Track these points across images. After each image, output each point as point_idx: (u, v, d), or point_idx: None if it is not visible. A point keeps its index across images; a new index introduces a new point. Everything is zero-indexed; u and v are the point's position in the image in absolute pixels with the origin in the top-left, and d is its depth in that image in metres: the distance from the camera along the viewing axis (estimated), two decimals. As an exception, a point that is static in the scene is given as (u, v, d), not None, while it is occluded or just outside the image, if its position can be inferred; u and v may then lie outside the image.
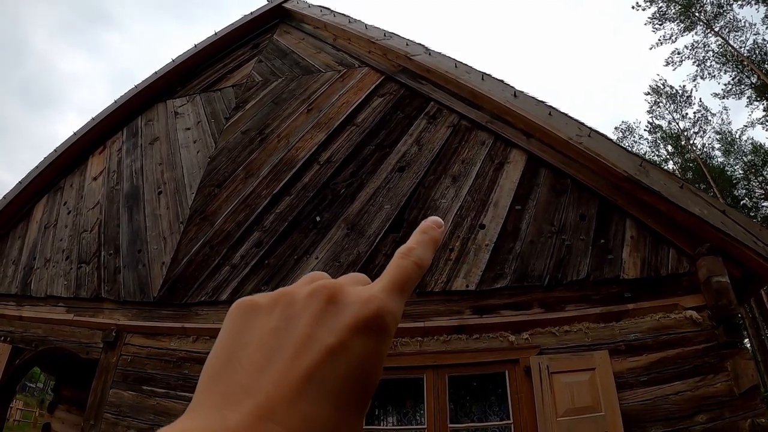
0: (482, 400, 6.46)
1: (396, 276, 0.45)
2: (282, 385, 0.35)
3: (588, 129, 5.71)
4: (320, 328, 0.39)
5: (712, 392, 4.37)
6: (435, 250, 0.50)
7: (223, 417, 0.33)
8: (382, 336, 0.40)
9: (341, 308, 0.40)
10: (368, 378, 0.38)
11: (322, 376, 0.36)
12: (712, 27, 35.65)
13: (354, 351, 0.38)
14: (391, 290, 0.43)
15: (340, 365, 0.37)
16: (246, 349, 0.38)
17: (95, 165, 9.36)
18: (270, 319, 0.40)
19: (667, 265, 5.01)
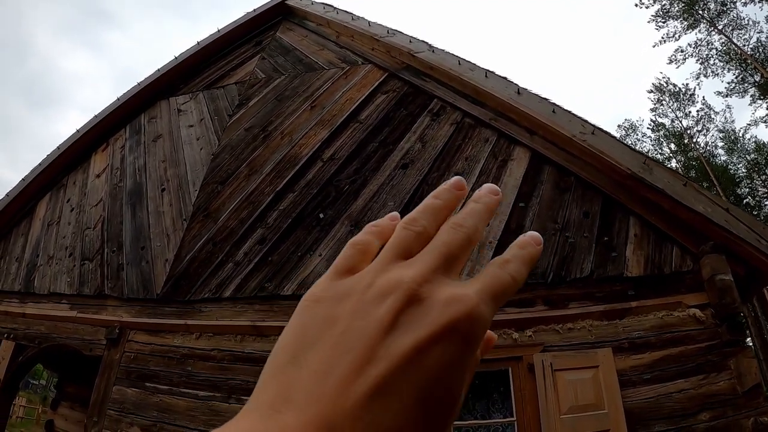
0: (485, 398, 6.47)
1: (492, 283, 0.40)
2: (347, 394, 0.32)
3: (592, 126, 5.70)
4: (395, 332, 0.36)
5: (715, 390, 4.36)
6: (531, 267, 0.45)
7: (278, 420, 0.31)
8: (469, 344, 0.37)
9: (424, 310, 0.37)
10: (450, 390, 0.36)
11: (393, 388, 0.33)
12: (716, 25, 35.57)
13: (433, 360, 0.35)
14: (486, 295, 0.39)
15: (415, 376, 0.34)
16: (312, 348, 0.35)
17: (98, 162, 9.37)
18: (339, 315, 0.37)
19: (671, 263, 5.00)
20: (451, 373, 0.35)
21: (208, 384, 5.76)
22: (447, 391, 0.35)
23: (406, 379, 0.34)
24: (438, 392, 0.35)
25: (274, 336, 5.75)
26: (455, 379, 0.36)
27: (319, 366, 0.34)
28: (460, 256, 0.41)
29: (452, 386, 0.36)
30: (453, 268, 0.41)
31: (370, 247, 0.44)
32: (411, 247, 0.42)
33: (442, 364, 0.35)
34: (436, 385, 0.35)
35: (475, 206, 0.46)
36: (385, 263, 0.40)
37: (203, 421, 5.53)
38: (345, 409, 0.32)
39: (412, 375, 0.34)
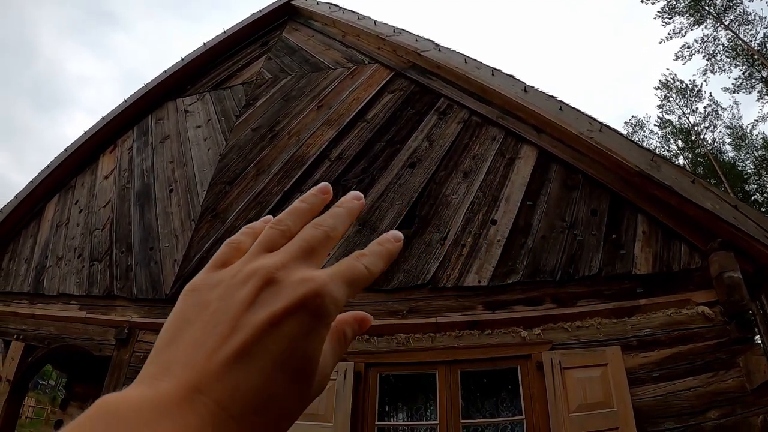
0: (494, 396, 6.47)
1: (345, 270, 0.47)
2: (213, 360, 0.38)
3: (599, 124, 5.70)
4: (254, 308, 0.41)
5: (724, 388, 4.36)
6: (388, 261, 0.52)
7: (157, 386, 0.36)
8: (320, 317, 0.42)
9: (279, 289, 0.42)
10: (304, 356, 0.41)
11: (252, 354, 0.39)
12: (722, 20, 35.40)
13: (286, 330, 0.40)
14: (337, 278, 0.45)
15: (271, 344, 0.39)
16: (188, 326, 0.41)
17: (106, 164, 9.40)
18: (210, 299, 0.43)
19: (679, 261, 5.00)
20: (303, 342, 0.41)
21: (218, 384, 5.77)
22: (301, 357, 0.41)
23: (264, 346, 0.39)
24: (293, 358, 0.40)
25: (282, 335, 5.76)
26: (308, 346, 0.42)
27: (192, 341, 0.40)
28: (318, 249, 0.47)
29: (306, 353, 0.41)
30: (311, 258, 0.46)
31: (242, 245, 0.50)
32: (276, 242, 0.48)
33: (295, 334, 0.40)
34: (290, 351, 0.40)
35: (337, 209, 0.54)
36: (252, 256, 0.46)
37: (212, 421, 5.54)
38: (211, 372, 0.37)
39: (269, 342, 0.39)
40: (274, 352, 0.39)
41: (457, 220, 5.80)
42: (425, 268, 5.59)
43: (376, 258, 0.50)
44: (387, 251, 0.52)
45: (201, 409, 0.35)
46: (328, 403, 5.07)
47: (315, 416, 5.05)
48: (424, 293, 5.50)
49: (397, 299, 5.56)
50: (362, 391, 5.21)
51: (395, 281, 5.63)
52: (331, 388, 5.14)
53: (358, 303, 5.65)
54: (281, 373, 0.40)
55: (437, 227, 5.82)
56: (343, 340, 0.51)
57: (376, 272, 0.50)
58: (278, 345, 0.40)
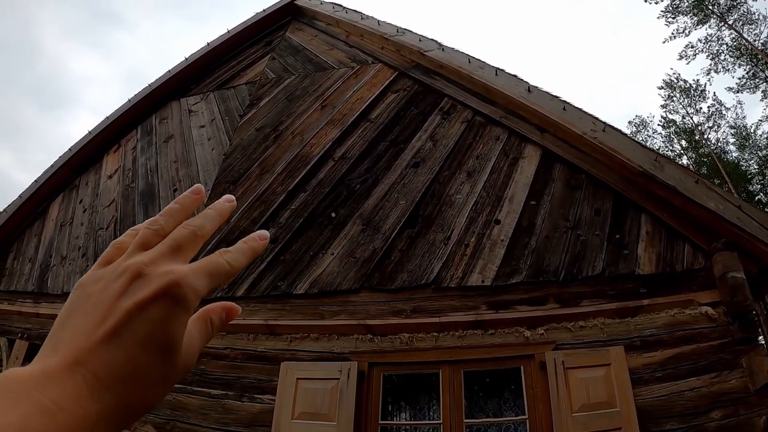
0: (497, 396, 6.47)
1: (206, 264, 0.54)
2: (90, 339, 0.46)
3: (602, 124, 5.70)
4: (125, 297, 0.49)
5: (727, 389, 4.36)
6: (251, 258, 0.60)
7: (47, 362, 0.44)
8: (178, 303, 0.49)
9: (146, 281, 0.50)
10: (166, 336, 0.48)
11: (122, 334, 0.46)
12: (726, 20, 35.33)
13: (151, 314, 0.48)
14: (198, 271, 0.52)
15: (138, 326, 0.47)
16: (74, 315, 0.49)
17: (110, 163, 9.43)
18: (92, 292, 0.51)
19: (683, 261, 5.00)
20: (165, 324, 0.48)
21: (221, 382, 5.79)
22: (164, 337, 0.48)
23: (131, 328, 0.47)
24: (156, 337, 0.48)
25: (287, 334, 5.79)
26: (170, 328, 0.49)
27: (75, 326, 0.48)
28: (185, 246, 0.55)
29: (168, 334, 0.48)
30: (179, 254, 0.54)
31: (123, 245, 0.56)
32: (150, 241, 0.55)
33: (158, 318, 0.48)
34: (153, 332, 0.48)
35: (208, 211, 0.61)
36: (128, 254, 0.54)
37: (216, 419, 5.57)
38: (88, 349, 0.45)
39: (135, 325, 0.47)
40: (140, 333, 0.47)
41: (460, 220, 5.80)
42: (429, 268, 5.60)
43: (238, 254, 0.58)
44: (250, 248, 0.60)
45: (80, 378, 0.43)
46: (332, 403, 5.09)
47: (318, 415, 5.07)
48: (427, 293, 5.50)
49: (401, 299, 5.57)
50: (366, 390, 5.22)
51: (399, 281, 5.65)
52: (334, 388, 5.16)
53: (362, 303, 5.68)
54: (146, 350, 0.47)
55: (441, 227, 5.83)
56: (209, 326, 0.58)
57: (237, 267, 0.57)
58: (143, 327, 0.47)
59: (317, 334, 5.67)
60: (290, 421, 5.15)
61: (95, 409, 0.43)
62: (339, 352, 5.48)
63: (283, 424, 5.16)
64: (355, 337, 5.50)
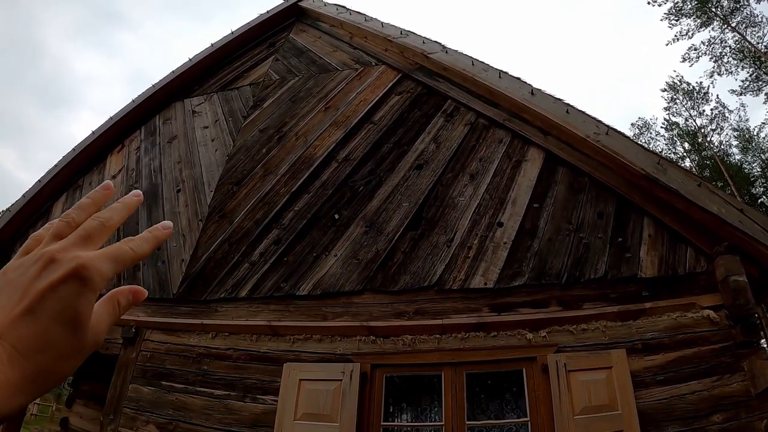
0: (498, 398, 6.48)
1: (111, 250, 0.61)
2: (9, 316, 0.52)
3: (606, 127, 5.70)
4: (39, 279, 0.55)
5: (729, 392, 4.36)
6: (154, 246, 0.68)
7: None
8: (85, 284, 0.56)
9: (58, 265, 0.56)
10: (75, 313, 0.55)
11: (37, 311, 0.53)
12: (729, 22, 35.32)
13: (61, 293, 0.54)
14: (103, 256, 0.59)
15: (50, 303, 0.53)
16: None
17: (114, 163, 9.45)
18: (13, 277, 0.57)
19: (685, 264, 5.01)
20: (74, 302, 0.54)
21: (224, 383, 5.81)
22: (73, 314, 0.54)
23: (43, 305, 0.53)
24: (65, 313, 0.54)
25: (290, 335, 5.80)
26: (78, 305, 0.55)
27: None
28: (94, 235, 0.62)
29: (76, 310, 0.55)
30: (89, 243, 0.60)
31: (41, 236, 0.63)
32: (63, 232, 0.62)
33: (67, 296, 0.54)
34: (63, 309, 0.54)
35: (116, 204, 0.69)
36: (44, 244, 0.60)
37: (218, 420, 5.59)
38: (7, 324, 0.52)
39: (47, 302, 0.53)
40: (52, 309, 0.53)
41: (463, 223, 5.82)
42: (431, 270, 5.61)
43: (142, 242, 0.66)
44: (154, 237, 0.68)
45: (0, 349, 0.50)
46: (334, 404, 5.10)
47: (321, 416, 5.09)
48: (430, 295, 5.52)
49: (404, 300, 5.58)
50: (368, 391, 5.23)
51: (402, 283, 5.66)
52: (337, 389, 5.18)
53: (365, 304, 5.69)
54: (57, 324, 0.54)
55: (444, 229, 5.84)
56: (116, 306, 0.64)
57: (140, 253, 0.65)
58: (54, 304, 0.54)
59: (320, 335, 5.69)
60: (293, 422, 5.17)
61: (15, 376, 0.50)
62: (342, 354, 5.50)
63: (286, 425, 5.17)
64: (358, 339, 5.52)
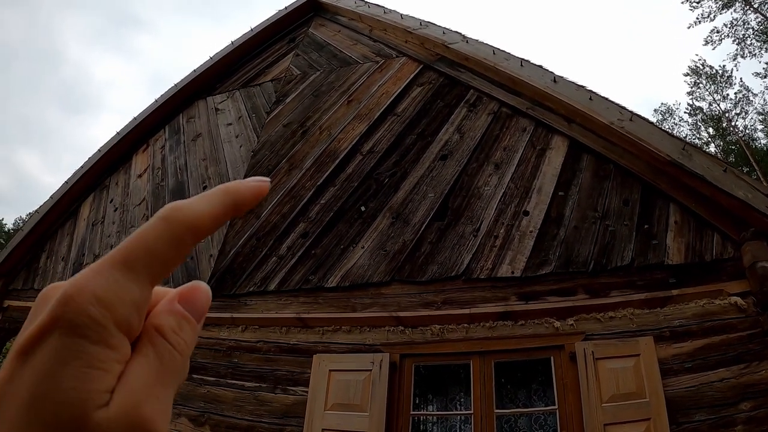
0: (526, 386, 6.51)
1: (122, 246, 0.37)
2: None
3: (629, 113, 5.67)
4: (24, 331, 0.35)
5: (757, 380, 4.32)
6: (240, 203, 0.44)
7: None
8: (74, 331, 0.33)
9: (43, 310, 0.35)
10: (60, 399, 0.32)
11: (9, 390, 0.33)
12: (751, 3, 34.81)
13: (38, 361, 0.33)
14: (105, 263, 0.36)
15: (20, 385, 0.32)
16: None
17: (139, 163, 9.59)
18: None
19: (712, 251, 4.97)
20: (59, 376, 0.32)
21: (255, 375, 5.90)
22: (57, 400, 0.32)
23: (13, 389, 0.33)
24: (46, 402, 0.32)
25: (319, 327, 5.87)
26: (65, 381, 0.32)
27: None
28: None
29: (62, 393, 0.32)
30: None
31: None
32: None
33: (46, 367, 0.33)
34: (41, 393, 0.32)
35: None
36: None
37: (250, 411, 5.67)
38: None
39: (19, 384, 0.33)
40: (22, 398, 0.32)
41: (489, 212, 5.83)
42: (459, 260, 5.65)
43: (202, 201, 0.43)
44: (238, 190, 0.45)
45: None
46: (364, 394, 5.17)
47: (351, 406, 5.16)
48: (458, 284, 5.55)
49: (431, 291, 5.62)
50: (397, 381, 5.29)
51: (429, 273, 5.70)
52: (366, 379, 5.24)
53: (393, 295, 5.74)
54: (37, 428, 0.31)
55: (470, 219, 5.87)
56: (160, 343, 0.37)
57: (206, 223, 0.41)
58: (27, 386, 0.32)
59: (349, 326, 5.75)
60: (323, 412, 5.24)
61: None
62: (371, 344, 5.56)
63: (317, 415, 5.25)
64: (387, 329, 5.57)
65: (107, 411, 0.32)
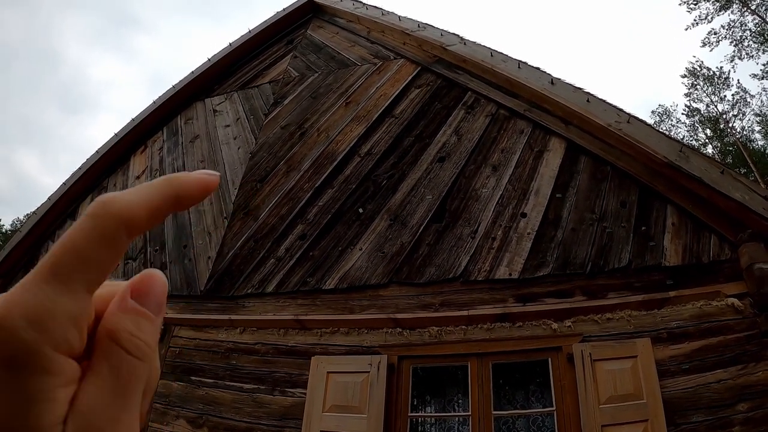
0: (524, 388, 6.51)
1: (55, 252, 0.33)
2: None
3: (627, 115, 5.69)
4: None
5: (754, 381, 4.33)
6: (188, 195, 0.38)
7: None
8: (5, 367, 0.29)
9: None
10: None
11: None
12: (749, 5, 34.87)
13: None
14: (37, 275, 0.33)
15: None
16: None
17: (137, 164, 9.58)
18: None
19: (709, 252, 4.98)
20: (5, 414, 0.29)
21: (253, 377, 5.90)
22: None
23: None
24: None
25: (317, 329, 5.88)
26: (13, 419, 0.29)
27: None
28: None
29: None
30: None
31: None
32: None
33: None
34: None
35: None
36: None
37: (248, 413, 5.68)
38: None
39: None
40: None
41: (487, 214, 5.84)
42: (456, 262, 5.65)
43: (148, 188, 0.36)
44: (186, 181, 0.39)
45: None
46: (362, 395, 5.17)
47: (349, 408, 5.16)
48: (455, 286, 5.56)
49: (429, 292, 5.63)
50: (395, 383, 5.29)
51: (427, 275, 5.71)
52: (365, 381, 5.25)
53: (391, 297, 5.75)
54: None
55: (467, 221, 5.88)
56: (114, 354, 0.33)
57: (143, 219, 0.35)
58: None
59: (347, 328, 5.75)
60: (321, 414, 5.25)
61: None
62: (369, 346, 5.56)
63: (315, 416, 5.25)
64: (385, 331, 5.58)
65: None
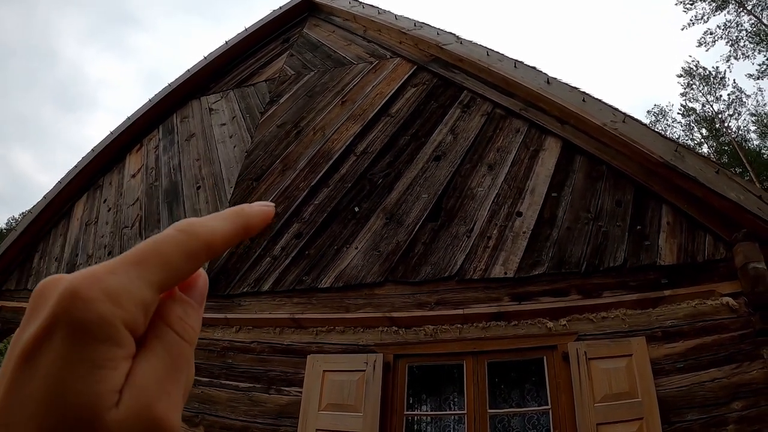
0: (519, 386, 6.53)
1: (143, 245, 0.37)
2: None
3: (622, 114, 5.70)
4: (22, 331, 0.34)
5: (748, 380, 4.35)
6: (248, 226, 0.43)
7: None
8: (78, 330, 0.32)
9: (44, 307, 0.34)
10: (69, 403, 0.31)
11: (14, 399, 0.31)
12: (745, 5, 34.93)
13: (42, 365, 0.31)
14: (121, 261, 0.37)
15: (30, 381, 0.31)
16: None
17: (133, 163, 9.56)
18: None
19: (704, 251, 5.00)
20: (65, 380, 0.31)
21: (249, 375, 5.90)
22: (66, 405, 0.31)
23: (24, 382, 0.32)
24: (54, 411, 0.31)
25: (312, 327, 5.88)
26: (72, 385, 0.31)
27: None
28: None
29: (70, 397, 0.31)
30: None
31: None
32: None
33: (51, 370, 0.31)
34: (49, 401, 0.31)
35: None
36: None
37: (244, 412, 5.67)
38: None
39: (22, 394, 0.31)
40: (29, 406, 0.30)
41: (482, 213, 5.85)
42: (452, 261, 5.66)
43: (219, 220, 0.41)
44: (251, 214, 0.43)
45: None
46: (358, 394, 5.18)
47: (345, 406, 5.16)
48: (451, 285, 5.56)
49: (425, 291, 5.63)
50: (391, 381, 5.30)
51: (423, 274, 5.71)
52: (360, 379, 5.25)
53: (386, 296, 5.75)
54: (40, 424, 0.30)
55: (463, 220, 5.88)
56: (167, 336, 0.38)
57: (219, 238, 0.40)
58: (33, 393, 0.31)
59: (343, 326, 5.75)
60: (317, 412, 5.25)
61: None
62: (364, 345, 5.57)
63: (311, 415, 5.25)
64: (380, 330, 5.58)
65: (117, 412, 0.31)
